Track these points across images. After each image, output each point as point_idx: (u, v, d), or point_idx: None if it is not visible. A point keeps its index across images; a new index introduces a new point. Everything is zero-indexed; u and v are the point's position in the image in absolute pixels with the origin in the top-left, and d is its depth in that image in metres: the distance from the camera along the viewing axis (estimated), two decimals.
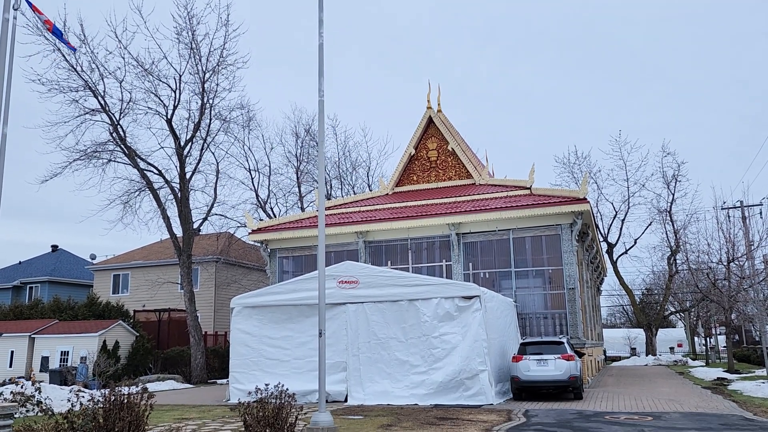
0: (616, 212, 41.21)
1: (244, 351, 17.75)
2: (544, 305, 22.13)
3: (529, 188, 24.12)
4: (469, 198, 24.53)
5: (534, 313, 22.11)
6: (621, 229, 41.34)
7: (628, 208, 40.71)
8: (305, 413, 9.93)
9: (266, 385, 8.74)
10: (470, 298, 16.12)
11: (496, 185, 26.30)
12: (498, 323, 17.67)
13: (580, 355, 17.97)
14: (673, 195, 39.72)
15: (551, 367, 15.96)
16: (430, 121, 28.49)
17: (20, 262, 47.85)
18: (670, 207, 39.82)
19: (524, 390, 16.32)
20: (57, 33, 11.76)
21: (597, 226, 34.39)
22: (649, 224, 41.29)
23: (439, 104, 28.84)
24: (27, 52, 48.44)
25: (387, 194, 28.47)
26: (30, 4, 10.44)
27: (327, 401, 9.63)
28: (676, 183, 39.67)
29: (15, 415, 8.71)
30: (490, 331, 16.24)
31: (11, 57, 9.69)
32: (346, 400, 16.36)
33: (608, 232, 41.78)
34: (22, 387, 15.95)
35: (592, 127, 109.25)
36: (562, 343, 16.75)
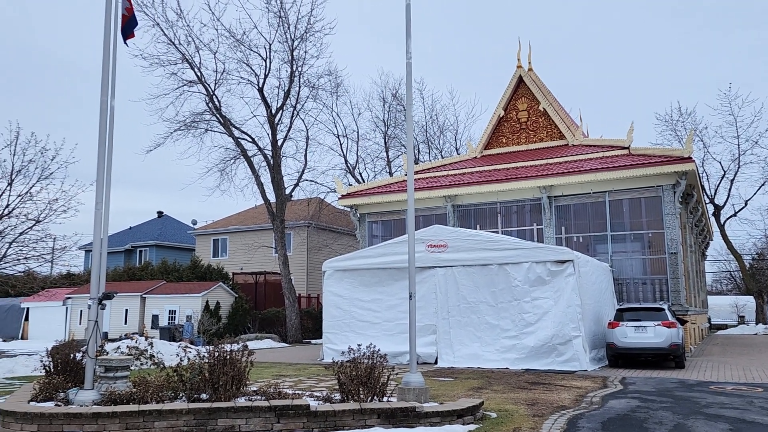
0: (725, 172, 38.41)
1: (336, 313, 18.25)
2: (643, 270, 21.14)
3: (627, 148, 22.89)
4: (561, 159, 23.65)
5: (632, 278, 21.18)
6: (730, 189, 38.57)
7: (738, 167, 37.81)
8: (396, 374, 10.12)
9: (358, 345, 8.93)
10: (563, 262, 15.66)
11: (590, 146, 25.16)
12: (592, 288, 17.11)
13: (683, 322, 17.09)
14: None
15: (650, 334, 15.31)
16: (520, 80, 27.52)
17: (130, 228, 51.42)
18: None
19: (621, 357, 15.79)
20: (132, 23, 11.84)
21: (702, 187, 32.21)
22: (763, 184, 38.21)
23: (529, 63, 27.76)
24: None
25: (475, 157, 27.98)
26: None
27: (417, 363, 9.71)
28: None
29: (131, 367, 9.43)
30: (584, 297, 15.75)
31: (115, 33, 10.17)
32: (436, 362, 16.52)
33: (715, 194, 39.13)
34: (136, 342, 17.25)
35: (695, 81, 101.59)
36: (663, 309, 15.99)
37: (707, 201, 37.51)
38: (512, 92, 27.62)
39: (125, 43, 10.51)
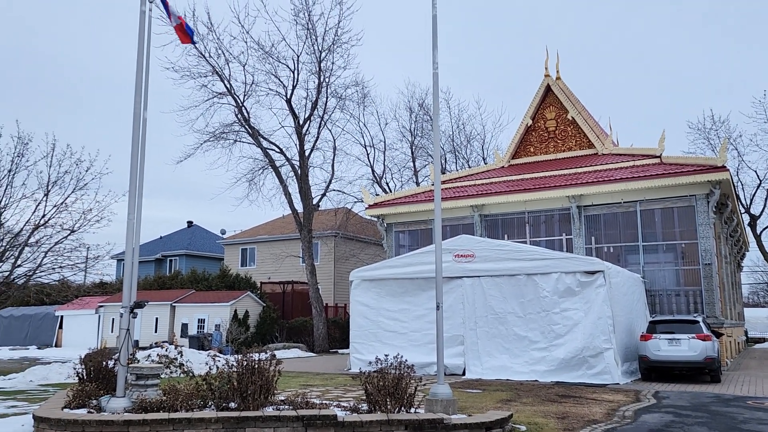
0: (761, 181, 37.34)
1: (363, 322, 18.23)
2: (677, 282, 20.69)
3: (659, 156, 22.49)
4: (591, 169, 23.35)
5: (665, 289, 20.74)
6: (766, 199, 37.53)
7: None
8: (424, 385, 10.03)
9: (385, 355, 8.89)
10: (593, 273, 15.42)
11: (620, 154, 24.79)
12: (624, 300, 16.79)
13: (718, 335, 16.65)
14: None
15: (684, 347, 14.94)
16: (547, 89, 27.32)
17: (161, 237, 52.28)
18: None
19: (654, 370, 15.44)
20: (189, 31, 12.22)
21: (737, 197, 31.46)
22: None
23: (557, 71, 27.54)
24: (161, 42, 52.28)
25: (503, 167, 27.80)
26: (164, 2, 10.90)
27: (445, 374, 9.63)
28: None
29: (161, 375, 9.54)
30: (616, 308, 15.47)
31: (148, 47, 10.39)
32: (463, 374, 16.37)
33: (751, 203, 38.08)
34: (166, 350, 17.46)
35: (728, 88, 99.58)
36: (697, 322, 15.60)
37: (742, 211, 36.56)
38: (540, 101, 27.42)
39: (193, 43, 11.12)
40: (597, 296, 15.21)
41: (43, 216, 19.34)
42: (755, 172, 37.63)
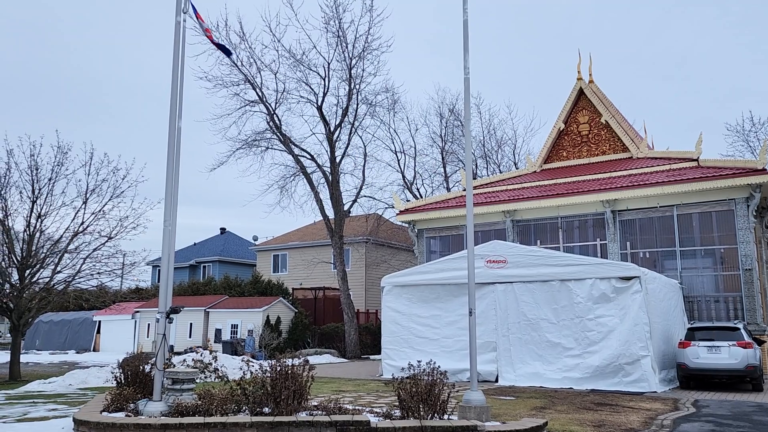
0: None
1: (395, 328, 18.21)
2: (715, 287, 20.16)
3: (696, 160, 22.00)
4: (625, 173, 22.96)
5: (703, 296, 20.24)
6: None
7: None
8: (457, 391, 9.96)
9: (418, 361, 8.86)
10: (629, 278, 15.14)
11: (656, 158, 24.31)
12: (661, 306, 16.43)
13: (760, 342, 16.17)
14: None
15: (724, 355, 14.54)
16: (580, 93, 26.97)
17: (195, 244, 53.15)
18: None
19: (692, 378, 15.06)
20: (221, 47, 12.46)
21: None
22: None
23: (590, 74, 27.18)
24: (194, 51, 53.38)
25: (535, 172, 27.51)
26: (195, 11, 11.18)
27: (477, 381, 9.56)
28: None
29: (196, 380, 9.68)
30: (652, 315, 15.15)
31: (183, 56, 10.60)
32: (496, 381, 16.21)
33: None
34: (201, 355, 17.72)
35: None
36: (738, 329, 15.17)
37: None
38: (572, 105, 27.08)
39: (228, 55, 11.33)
40: (633, 302, 14.92)
41: (82, 223, 19.88)
42: None
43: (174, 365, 13.70)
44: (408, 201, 32.77)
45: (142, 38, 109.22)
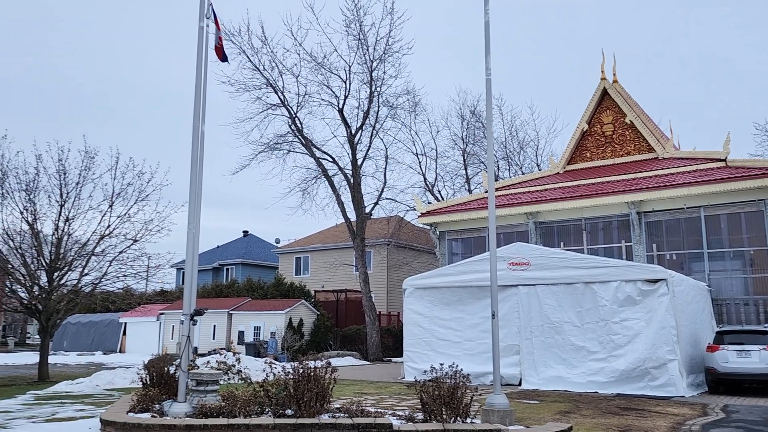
0: None
1: (417, 331, 18.15)
2: (745, 290, 19.74)
3: (724, 160, 21.59)
4: (651, 173, 22.63)
5: (732, 298, 19.83)
6: None
7: None
8: (480, 395, 9.88)
9: (441, 364, 8.80)
10: (655, 281, 14.88)
11: (683, 158, 23.92)
12: (688, 309, 16.13)
13: None
14: None
15: (755, 359, 14.21)
16: (604, 93, 26.67)
17: (218, 246, 53.63)
18: None
19: (722, 383, 14.74)
20: (224, 57, 12.50)
21: None
22: None
23: (614, 74, 26.85)
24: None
25: (558, 173, 27.26)
26: (215, 18, 11.24)
27: (500, 384, 9.47)
28: None
29: (220, 381, 9.75)
30: (679, 318, 14.87)
31: (206, 61, 10.71)
32: (519, 384, 16.06)
33: None
34: (224, 357, 17.85)
35: None
36: None
37: None
38: (596, 105, 26.79)
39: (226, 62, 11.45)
40: (659, 305, 14.66)
41: (108, 226, 20.16)
42: None
43: (198, 367, 13.83)
44: (429, 203, 32.66)
45: (166, 45, 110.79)
